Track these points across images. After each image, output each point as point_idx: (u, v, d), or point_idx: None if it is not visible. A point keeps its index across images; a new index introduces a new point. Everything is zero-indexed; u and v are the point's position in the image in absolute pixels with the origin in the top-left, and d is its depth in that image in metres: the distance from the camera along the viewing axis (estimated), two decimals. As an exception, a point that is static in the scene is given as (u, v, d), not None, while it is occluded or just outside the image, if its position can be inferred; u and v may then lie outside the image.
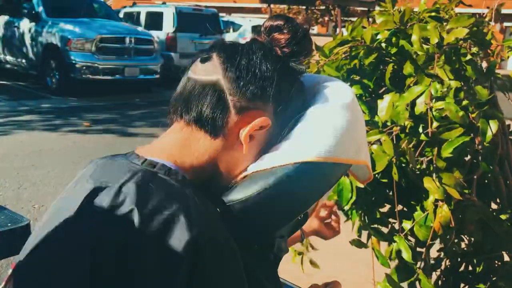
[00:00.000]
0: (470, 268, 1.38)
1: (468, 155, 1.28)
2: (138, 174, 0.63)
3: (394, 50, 1.33)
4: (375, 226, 1.36)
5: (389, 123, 1.26)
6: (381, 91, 1.34)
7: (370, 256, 1.42)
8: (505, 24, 18.73)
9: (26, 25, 8.65)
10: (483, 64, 1.35)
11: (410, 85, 1.23)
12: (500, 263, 1.34)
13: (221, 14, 12.25)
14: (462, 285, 1.39)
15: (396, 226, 1.33)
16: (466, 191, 1.18)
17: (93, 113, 7.12)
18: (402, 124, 1.22)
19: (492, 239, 1.27)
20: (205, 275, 0.55)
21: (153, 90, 9.32)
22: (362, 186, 1.26)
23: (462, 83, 1.24)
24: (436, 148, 1.18)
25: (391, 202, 1.33)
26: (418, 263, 1.23)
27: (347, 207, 1.32)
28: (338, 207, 1.30)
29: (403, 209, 1.33)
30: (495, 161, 1.28)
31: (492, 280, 1.33)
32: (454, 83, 1.18)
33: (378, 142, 1.22)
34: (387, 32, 1.35)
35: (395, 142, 1.23)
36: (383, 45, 1.34)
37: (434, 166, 1.18)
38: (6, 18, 9.12)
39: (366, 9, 16.11)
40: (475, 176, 1.23)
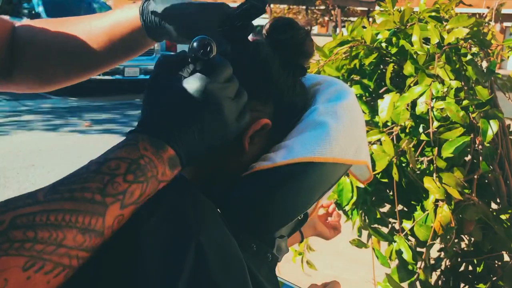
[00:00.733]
0: (470, 268, 1.38)
1: (468, 155, 1.28)
2: None
3: (394, 50, 1.33)
4: (375, 226, 1.36)
5: (389, 123, 1.26)
6: (381, 91, 1.34)
7: (370, 256, 1.42)
8: (505, 24, 18.74)
9: (26, 25, 8.67)
10: (483, 64, 1.35)
11: (411, 85, 1.23)
12: (500, 263, 1.34)
13: (221, 14, 12.23)
14: (462, 285, 1.39)
15: (396, 226, 1.33)
16: (466, 191, 1.18)
17: (93, 113, 7.12)
18: (402, 124, 1.22)
19: (492, 239, 1.27)
20: (207, 275, 0.55)
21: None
22: (362, 186, 1.26)
23: (463, 83, 1.24)
24: (436, 148, 1.18)
25: (391, 202, 1.33)
26: (418, 263, 1.23)
27: (347, 207, 1.32)
28: (338, 207, 1.30)
29: (403, 209, 1.33)
30: (495, 161, 1.28)
31: (492, 280, 1.33)
32: (454, 83, 1.18)
33: (378, 142, 1.22)
34: (387, 32, 1.35)
35: (395, 142, 1.23)
36: (383, 45, 1.34)
37: (435, 166, 1.18)
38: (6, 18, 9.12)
39: (366, 9, 16.12)
40: (475, 176, 1.23)
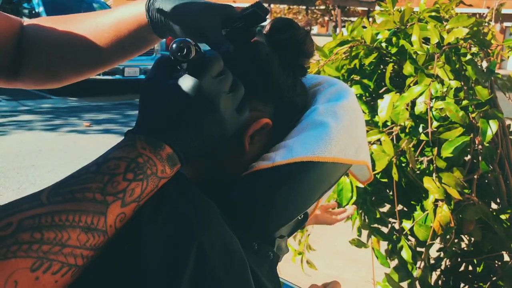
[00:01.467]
0: (470, 268, 1.38)
1: (468, 155, 1.28)
2: None
3: (394, 50, 1.33)
4: (375, 226, 1.36)
5: (389, 123, 1.26)
6: (381, 91, 1.34)
7: (370, 256, 1.42)
8: (505, 24, 18.73)
9: (26, 25, 8.68)
10: (483, 64, 1.35)
11: (410, 85, 1.23)
12: (500, 263, 1.33)
13: (221, 14, 12.22)
14: (462, 285, 1.39)
15: (396, 226, 1.33)
16: (466, 191, 1.18)
17: (93, 113, 7.12)
18: (402, 124, 1.22)
19: (492, 239, 1.27)
20: (209, 275, 0.55)
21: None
22: (362, 186, 1.26)
23: (462, 83, 1.24)
24: (436, 148, 1.18)
25: (391, 202, 1.33)
26: (418, 263, 1.23)
27: (347, 207, 1.32)
28: (338, 207, 1.29)
29: (403, 209, 1.33)
30: (495, 161, 1.28)
31: (492, 280, 1.33)
32: (454, 83, 1.18)
33: (378, 142, 1.22)
34: (387, 32, 1.35)
35: (395, 142, 1.23)
36: (383, 45, 1.34)
37: (434, 166, 1.18)
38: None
39: (366, 9, 16.11)
40: (475, 176, 1.23)
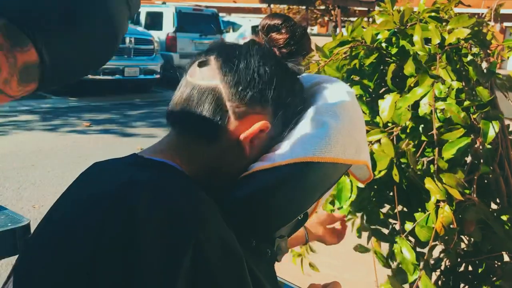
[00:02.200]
0: (470, 268, 1.38)
1: (469, 156, 1.28)
2: (139, 172, 0.63)
3: (394, 50, 1.33)
4: (376, 227, 1.36)
5: (390, 124, 1.26)
6: (381, 92, 1.34)
7: (370, 256, 1.42)
8: (505, 24, 18.73)
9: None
10: (483, 64, 1.35)
11: (411, 85, 1.23)
12: (500, 263, 1.33)
13: (221, 14, 12.25)
14: (462, 285, 1.39)
15: (396, 227, 1.33)
16: (467, 192, 1.18)
17: (93, 113, 7.12)
18: (403, 124, 1.22)
19: (492, 239, 1.27)
20: (206, 272, 0.55)
21: (153, 90, 9.33)
22: (362, 186, 1.26)
23: (464, 84, 1.24)
24: (437, 148, 1.18)
25: (392, 202, 1.33)
26: (420, 264, 1.23)
27: (345, 206, 1.32)
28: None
29: (403, 209, 1.32)
30: (495, 161, 1.28)
31: (492, 280, 1.33)
32: (455, 84, 1.18)
33: (378, 142, 1.22)
34: (387, 32, 1.34)
35: (396, 143, 1.23)
36: (384, 45, 1.34)
37: (435, 166, 1.18)
38: None
39: (366, 9, 16.10)
40: (475, 176, 1.23)
